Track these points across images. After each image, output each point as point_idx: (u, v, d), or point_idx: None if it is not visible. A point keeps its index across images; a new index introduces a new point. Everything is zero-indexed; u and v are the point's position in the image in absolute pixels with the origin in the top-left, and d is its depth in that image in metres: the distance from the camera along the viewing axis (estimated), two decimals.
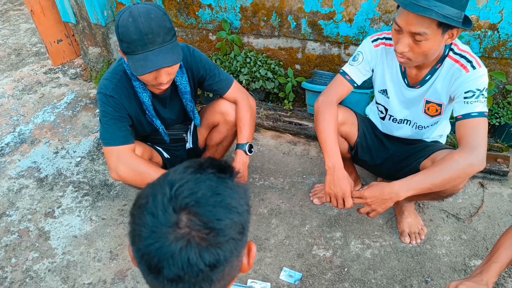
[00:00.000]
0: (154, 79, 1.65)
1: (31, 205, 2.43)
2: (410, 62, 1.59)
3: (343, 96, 1.89)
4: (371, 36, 1.83)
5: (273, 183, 2.49)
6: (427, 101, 1.80)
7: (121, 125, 1.79)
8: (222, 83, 2.02)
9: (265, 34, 2.92)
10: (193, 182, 0.70)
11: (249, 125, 2.02)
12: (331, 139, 1.76)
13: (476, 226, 2.15)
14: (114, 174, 1.78)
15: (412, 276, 1.94)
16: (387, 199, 1.61)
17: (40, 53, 4.13)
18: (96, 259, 2.11)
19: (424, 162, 1.81)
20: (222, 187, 0.71)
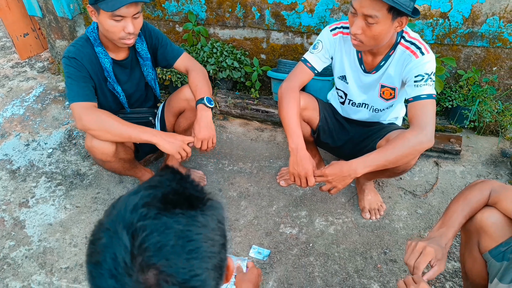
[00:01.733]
0: (122, 30, 1.78)
1: (4, 196, 2.47)
2: (362, 45, 1.72)
3: (304, 82, 2.01)
4: (329, 26, 1.95)
5: (241, 168, 2.60)
6: (382, 86, 1.94)
7: (84, 84, 1.89)
8: (174, 51, 2.13)
9: (231, 25, 3.01)
10: (159, 230, 0.60)
11: (204, 83, 2.06)
12: (293, 122, 1.87)
13: (431, 201, 2.33)
14: (79, 124, 1.86)
15: (372, 248, 2.09)
16: (346, 176, 1.73)
17: (5, 47, 4.09)
18: (72, 244, 2.18)
19: (380, 142, 1.95)
20: (194, 230, 0.62)
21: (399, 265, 2.01)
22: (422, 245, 1.31)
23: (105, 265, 0.59)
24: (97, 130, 1.84)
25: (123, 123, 1.85)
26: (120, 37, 1.81)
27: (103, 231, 0.62)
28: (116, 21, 1.75)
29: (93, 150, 1.96)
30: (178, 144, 1.90)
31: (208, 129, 1.98)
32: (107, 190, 2.47)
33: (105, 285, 0.59)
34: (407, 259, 1.32)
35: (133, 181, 2.52)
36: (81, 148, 2.79)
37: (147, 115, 2.28)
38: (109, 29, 1.79)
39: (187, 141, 1.94)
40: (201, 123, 1.97)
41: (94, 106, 1.88)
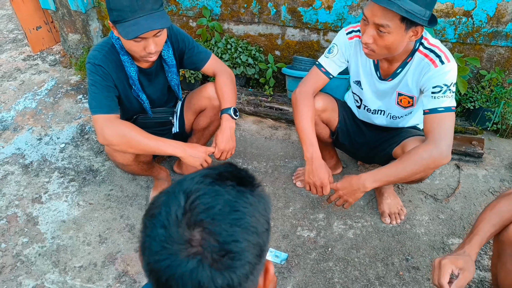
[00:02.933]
0: (143, 49, 1.69)
1: (17, 191, 2.43)
2: (374, 54, 1.64)
3: (319, 87, 1.95)
4: (346, 28, 1.87)
5: (256, 167, 2.54)
6: (399, 94, 1.85)
7: (108, 94, 1.81)
8: (201, 55, 2.04)
9: (245, 21, 2.94)
10: (210, 194, 0.65)
11: (231, 90, 2.01)
12: (308, 130, 1.82)
13: (453, 206, 2.25)
14: (101, 138, 1.79)
15: (393, 254, 2.02)
16: (355, 189, 1.69)
17: (17, 39, 4.04)
18: (86, 243, 2.13)
19: (396, 149, 1.90)
20: (241, 203, 0.66)
21: (422, 273, 1.94)
22: (437, 260, 1.29)
23: (159, 217, 0.64)
24: (120, 145, 1.78)
25: (146, 136, 1.79)
26: (141, 56, 1.73)
27: (163, 193, 0.68)
28: (136, 42, 1.66)
29: (114, 155, 1.91)
30: (201, 157, 1.87)
31: (230, 141, 1.96)
32: (120, 187, 2.42)
33: (155, 234, 0.63)
34: (432, 280, 1.28)
35: (147, 178, 2.47)
36: (93, 144, 2.74)
37: (167, 114, 2.23)
38: (130, 48, 1.72)
39: (209, 152, 1.91)
40: (224, 134, 1.94)
41: (117, 117, 1.82)
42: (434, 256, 2.01)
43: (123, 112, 2.04)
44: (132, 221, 2.23)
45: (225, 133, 1.95)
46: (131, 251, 2.08)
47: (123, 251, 2.08)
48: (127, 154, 1.92)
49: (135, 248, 2.09)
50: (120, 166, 2.04)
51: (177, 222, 0.62)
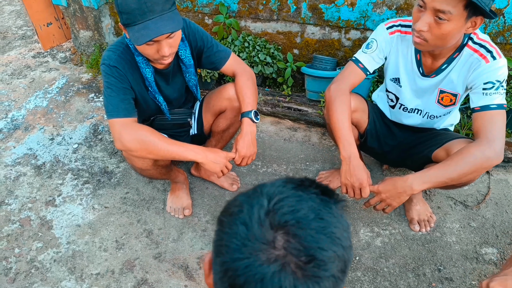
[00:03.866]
0: (156, 52, 1.61)
1: (30, 193, 2.37)
2: (426, 44, 1.54)
3: (355, 84, 1.85)
4: (385, 23, 1.79)
5: (276, 170, 2.47)
6: (441, 91, 1.77)
7: (124, 97, 1.73)
8: (220, 53, 1.95)
9: (264, 18, 2.87)
10: (294, 198, 0.61)
11: (252, 93, 1.92)
12: (345, 129, 1.72)
13: (484, 213, 2.17)
14: (118, 144, 1.71)
15: (424, 264, 1.95)
16: (401, 192, 1.58)
17: (26, 36, 3.99)
18: (102, 248, 2.07)
19: (437, 152, 1.79)
20: (325, 212, 0.61)
21: (456, 284, 1.86)
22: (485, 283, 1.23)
23: (241, 215, 0.61)
24: (139, 151, 1.70)
25: (166, 141, 1.71)
26: (155, 58, 1.65)
27: (241, 195, 0.65)
28: (148, 45, 1.58)
29: (132, 159, 1.85)
30: (222, 162, 1.79)
31: (251, 147, 1.87)
32: (136, 190, 2.36)
33: (235, 231, 0.60)
34: None
35: (163, 181, 2.41)
36: (107, 144, 2.68)
37: (185, 116, 2.16)
38: (143, 52, 1.64)
39: (230, 158, 1.84)
40: (245, 139, 1.85)
41: (135, 121, 1.74)
42: (467, 266, 1.93)
43: (140, 114, 1.97)
44: (150, 226, 2.16)
45: (246, 138, 1.87)
46: (150, 257, 2.02)
47: (141, 258, 2.02)
48: (146, 159, 1.85)
49: (153, 254, 2.03)
50: (139, 170, 1.98)
51: (259, 221, 0.59)
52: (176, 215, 2.21)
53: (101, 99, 3.09)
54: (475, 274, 1.90)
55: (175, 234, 2.12)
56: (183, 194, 2.26)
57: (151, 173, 1.99)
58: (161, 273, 1.96)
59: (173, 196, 2.26)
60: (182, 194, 2.26)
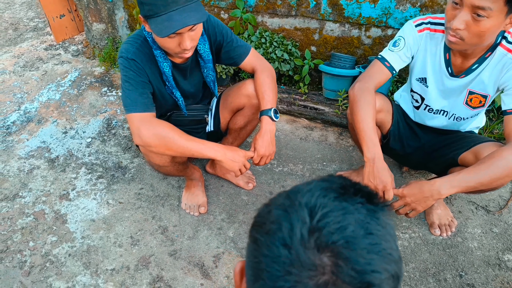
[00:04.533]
0: (178, 46, 1.59)
1: (44, 187, 2.38)
2: (462, 43, 1.50)
3: (381, 83, 1.82)
4: (414, 20, 1.75)
5: (292, 169, 2.47)
6: (470, 92, 1.73)
7: (143, 91, 1.72)
8: (240, 49, 1.92)
9: (281, 14, 2.86)
10: (339, 212, 0.54)
11: (272, 90, 1.89)
12: (369, 129, 1.68)
13: (506, 219, 2.15)
14: (137, 139, 1.70)
15: (445, 269, 1.94)
16: (427, 196, 1.54)
17: (38, 28, 3.99)
18: (117, 244, 2.08)
19: (465, 155, 1.75)
20: (374, 224, 0.55)
21: None
22: None
23: (279, 234, 0.54)
24: (157, 147, 1.69)
25: (185, 138, 1.70)
26: (176, 52, 1.63)
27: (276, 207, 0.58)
28: (170, 38, 1.55)
29: (151, 156, 1.84)
30: (240, 161, 1.77)
31: (270, 146, 1.85)
32: (151, 186, 2.36)
33: (276, 254, 0.53)
34: None
35: (178, 178, 2.41)
36: (121, 139, 2.68)
37: (202, 112, 2.14)
38: (164, 45, 1.61)
39: (249, 157, 1.82)
40: (264, 138, 1.83)
41: (153, 116, 1.72)
42: (489, 273, 1.92)
43: (156, 109, 1.94)
44: (165, 222, 2.17)
45: (265, 137, 1.85)
46: (165, 254, 2.02)
47: (156, 255, 2.02)
48: (164, 155, 1.85)
49: (169, 251, 2.03)
50: (156, 167, 1.98)
51: (303, 242, 0.52)
52: (191, 212, 2.21)
53: (114, 93, 3.09)
54: (497, 281, 1.89)
55: (191, 232, 2.12)
56: (198, 192, 2.25)
57: (168, 169, 1.98)
58: (177, 270, 1.96)
59: (189, 193, 2.26)
60: (197, 191, 2.25)
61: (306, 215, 0.54)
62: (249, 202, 2.27)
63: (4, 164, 2.53)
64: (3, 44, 3.73)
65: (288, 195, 0.60)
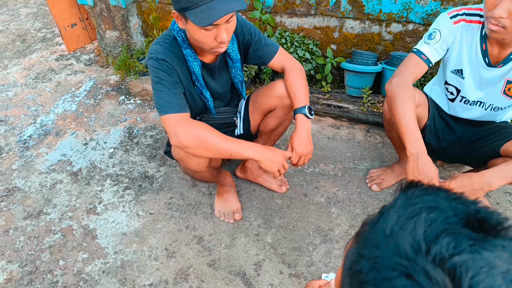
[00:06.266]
0: (214, 39, 1.50)
1: (69, 202, 2.26)
2: (504, 32, 1.44)
3: (418, 77, 1.74)
4: (448, 12, 1.68)
5: (324, 170, 2.36)
6: (508, 81, 1.66)
7: (176, 91, 1.63)
8: (268, 47, 1.84)
9: (300, 13, 2.75)
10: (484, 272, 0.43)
11: (303, 88, 1.82)
12: (412, 124, 1.60)
13: None
14: (174, 140, 1.60)
15: None
16: (477, 189, 1.49)
17: (46, 38, 3.87)
18: (152, 257, 1.96)
19: (508, 145, 1.69)
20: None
21: None
22: None
23: None
24: (196, 148, 1.59)
25: (223, 138, 1.60)
26: (211, 47, 1.54)
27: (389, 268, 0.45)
28: (207, 31, 1.47)
29: (187, 161, 1.74)
30: (279, 161, 1.66)
31: (308, 144, 1.75)
32: (181, 194, 2.25)
33: None
34: None
35: (208, 184, 2.29)
36: (144, 148, 2.56)
37: (231, 115, 2.04)
38: (199, 39, 1.52)
39: (287, 157, 1.72)
40: (301, 137, 1.73)
41: (188, 116, 1.62)
42: None
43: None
44: (200, 232, 2.05)
45: (302, 136, 1.75)
46: (204, 265, 1.90)
47: (194, 266, 1.90)
48: (201, 160, 1.74)
49: (207, 262, 1.92)
50: (191, 173, 1.87)
51: None
52: (226, 219, 2.10)
53: (132, 101, 2.98)
54: None
55: (227, 240, 2.01)
56: (231, 198, 2.14)
57: (204, 175, 1.88)
58: (218, 281, 1.84)
59: (221, 200, 2.14)
60: (230, 197, 2.14)
61: (445, 279, 0.42)
62: (283, 205, 2.16)
63: (25, 180, 2.41)
64: (12, 56, 3.60)
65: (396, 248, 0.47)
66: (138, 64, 3.13)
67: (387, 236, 0.49)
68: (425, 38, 1.73)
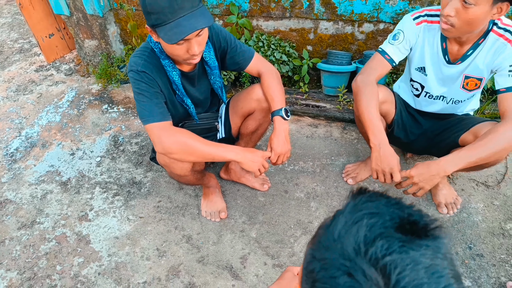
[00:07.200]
0: (186, 52, 1.70)
1: (61, 210, 2.49)
2: (453, 30, 1.68)
3: (382, 75, 2.00)
4: (411, 14, 1.93)
5: (303, 167, 2.62)
6: (466, 76, 1.92)
7: (157, 101, 1.83)
8: (244, 53, 2.06)
9: (276, 16, 3.01)
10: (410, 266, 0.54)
11: (279, 91, 2.04)
12: (374, 117, 1.86)
13: (505, 191, 2.36)
14: (159, 148, 1.81)
15: (456, 244, 2.14)
16: (434, 175, 1.72)
17: (24, 49, 4.08)
18: (145, 257, 2.20)
19: (465, 136, 1.95)
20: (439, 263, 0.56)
21: (487, 259, 2.05)
22: None
23: None
24: (180, 153, 1.82)
25: (205, 142, 1.83)
26: (184, 58, 1.75)
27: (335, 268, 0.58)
28: (179, 45, 1.67)
29: (172, 167, 1.97)
30: (259, 161, 1.90)
31: (286, 144, 1.99)
32: (168, 197, 2.49)
33: None
34: None
35: (194, 187, 2.54)
36: (131, 155, 2.80)
37: (213, 120, 2.28)
38: (173, 52, 1.73)
39: (266, 157, 1.96)
40: (280, 137, 1.98)
41: (170, 124, 1.84)
42: (495, 242, 2.13)
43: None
44: (188, 231, 2.30)
45: (280, 136, 1.99)
46: (193, 262, 2.15)
47: (185, 263, 2.15)
48: (185, 164, 1.98)
49: (196, 258, 2.17)
50: (176, 177, 2.11)
51: None
52: (212, 219, 2.35)
53: (116, 109, 3.21)
54: (503, 249, 2.10)
55: (215, 237, 2.26)
56: (217, 198, 2.39)
57: (188, 179, 2.12)
58: (207, 275, 2.09)
59: (207, 201, 2.39)
60: (215, 198, 2.39)
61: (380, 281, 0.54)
62: (266, 202, 2.42)
63: (16, 192, 2.63)
64: None
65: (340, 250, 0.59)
66: (119, 72, 3.36)
67: (335, 240, 0.61)
68: (390, 38, 1.98)
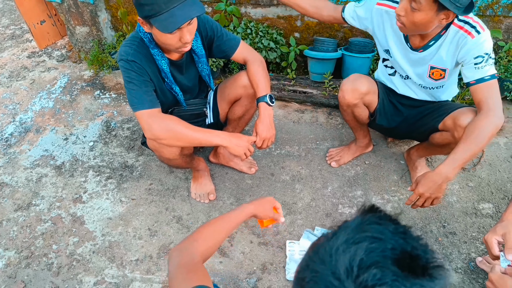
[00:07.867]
0: (178, 40, 1.86)
1: (56, 193, 2.68)
2: (404, 28, 1.85)
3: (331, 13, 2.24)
4: None
5: (289, 151, 2.82)
6: (431, 67, 2.08)
7: (147, 89, 1.99)
8: (230, 42, 2.20)
9: (264, 3, 3.17)
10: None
11: (264, 78, 2.19)
12: None
13: (480, 174, 2.57)
14: (148, 134, 1.98)
15: (430, 223, 2.34)
16: (440, 183, 1.86)
17: (16, 35, 4.23)
18: (137, 237, 2.40)
19: (444, 121, 2.11)
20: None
21: (459, 237, 2.26)
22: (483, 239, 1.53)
23: None
24: (168, 139, 1.98)
25: (192, 128, 2.00)
26: (176, 47, 1.90)
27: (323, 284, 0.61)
28: (172, 34, 1.81)
29: (161, 151, 2.14)
30: (245, 146, 2.07)
31: (271, 129, 2.17)
32: (159, 180, 2.69)
33: None
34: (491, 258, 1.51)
35: (184, 170, 2.73)
36: (122, 140, 2.99)
37: (201, 106, 2.45)
38: (165, 42, 1.88)
39: (251, 141, 2.13)
40: (264, 122, 2.15)
41: (159, 111, 2.00)
42: (468, 221, 2.34)
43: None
44: (178, 212, 2.50)
45: (265, 122, 2.17)
46: None
47: (175, 242, 2.35)
48: (174, 149, 2.15)
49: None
50: (166, 161, 2.29)
51: None
52: (201, 200, 2.55)
53: (107, 95, 3.39)
54: (475, 227, 2.31)
55: (204, 218, 2.46)
56: (206, 181, 2.59)
57: (177, 162, 2.31)
58: None
59: (197, 183, 2.59)
60: (205, 180, 2.59)
61: None
62: (253, 185, 2.62)
63: (12, 176, 2.82)
64: None
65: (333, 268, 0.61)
66: (110, 58, 3.53)
67: (331, 255, 0.63)
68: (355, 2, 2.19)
